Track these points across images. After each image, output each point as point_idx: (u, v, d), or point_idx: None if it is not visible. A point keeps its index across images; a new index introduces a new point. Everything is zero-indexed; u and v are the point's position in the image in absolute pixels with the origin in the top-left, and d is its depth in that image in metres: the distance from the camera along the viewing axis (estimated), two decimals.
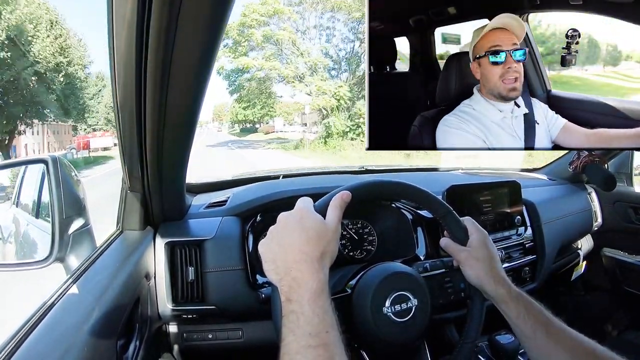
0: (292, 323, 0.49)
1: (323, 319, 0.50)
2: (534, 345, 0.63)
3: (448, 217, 0.74)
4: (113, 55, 0.56)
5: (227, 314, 0.94)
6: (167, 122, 0.67)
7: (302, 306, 0.50)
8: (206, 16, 0.50)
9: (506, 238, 1.20)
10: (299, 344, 0.47)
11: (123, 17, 0.49)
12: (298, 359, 0.46)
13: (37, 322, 0.55)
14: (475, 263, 0.71)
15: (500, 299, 0.68)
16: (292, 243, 0.55)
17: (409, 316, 0.69)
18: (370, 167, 1.66)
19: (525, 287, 1.20)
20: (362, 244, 1.14)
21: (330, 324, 0.50)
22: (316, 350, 0.47)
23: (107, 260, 0.79)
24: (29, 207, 0.96)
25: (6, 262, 0.98)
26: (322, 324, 0.49)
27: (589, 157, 1.48)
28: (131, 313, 0.74)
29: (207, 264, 0.92)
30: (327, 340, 0.48)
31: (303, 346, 0.47)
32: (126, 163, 0.79)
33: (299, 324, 0.49)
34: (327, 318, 0.50)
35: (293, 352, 0.47)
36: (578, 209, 1.53)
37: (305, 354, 0.46)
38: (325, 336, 0.48)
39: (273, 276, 0.56)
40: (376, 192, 0.72)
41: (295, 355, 0.47)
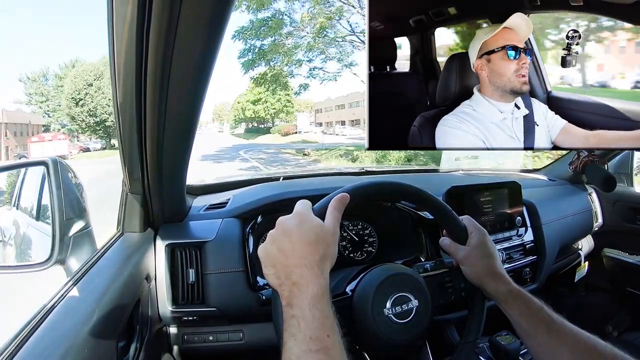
0: (293, 327, 0.49)
1: (324, 323, 0.50)
2: (536, 342, 0.63)
3: (447, 216, 0.74)
4: (113, 57, 0.56)
5: (228, 315, 0.94)
6: (167, 123, 0.67)
7: (302, 311, 0.50)
8: (206, 18, 0.50)
9: (506, 239, 1.20)
10: (300, 349, 0.47)
11: (123, 18, 0.49)
12: None
13: (38, 323, 0.55)
14: (475, 261, 0.71)
15: (500, 297, 0.68)
16: (291, 248, 0.55)
17: (410, 317, 0.69)
18: (370, 168, 1.66)
19: (525, 287, 1.19)
20: (363, 246, 1.14)
21: (331, 328, 0.50)
22: (317, 354, 0.47)
23: (108, 262, 0.79)
24: (29, 210, 0.96)
25: (7, 265, 0.98)
26: (323, 328, 0.49)
27: (589, 158, 1.48)
28: (132, 315, 0.74)
29: (207, 265, 0.92)
30: (328, 344, 0.48)
31: (304, 350, 0.47)
32: (126, 165, 0.79)
33: (299, 328, 0.49)
34: (328, 322, 0.50)
35: (294, 356, 0.47)
36: (578, 210, 1.53)
37: (307, 358, 0.46)
38: (327, 340, 0.48)
39: (273, 280, 0.56)
40: (375, 193, 0.72)
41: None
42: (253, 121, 33.48)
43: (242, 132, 39.04)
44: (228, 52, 20.87)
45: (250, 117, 32.36)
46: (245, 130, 38.45)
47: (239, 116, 35.05)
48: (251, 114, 31.28)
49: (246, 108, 30.88)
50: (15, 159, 19.06)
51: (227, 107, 48.51)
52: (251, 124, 36.54)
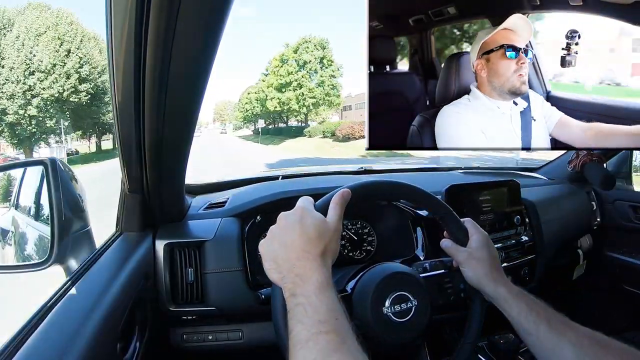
0: (300, 314, 0.49)
1: (331, 308, 0.49)
2: (537, 340, 0.62)
3: (448, 217, 0.74)
4: (112, 56, 0.56)
5: (227, 315, 0.94)
6: (166, 122, 0.67)
7: (309, 298, 0.50)
8: (205, 16, 0.50)
9: (505, 238, 1.20)
10: (309, 332, 0.47)
11: (122, 17, 0.49)
12: (310, 345, 0.46)
13: (37, 323, 0.55)
14: (475, 264, 0.71)
15: (501, 299, 0.68)
16: (293, 242, 0.55)
17: (409, 316, 0.69)
18: (369, 167, 1.66)
19: (524, 286, 1.19)
20: (362, 245, 1.14)
21: (339, 312, 0.50)
22: (328, 335, 0.46)
23: (107, 262, 0.79)
24: (28, 209, 0.96)
25: (5, 264, 0.98)
26: (331, 312, 0.49)
27: (588, 156, 1.48)
28: (131, 314, 0.74)
29: (206, 265, 0.92)
30: (337, 326, 0.47)
31: (314, 333, 0.46)
32: (125, 164, 0.79)
33: (307, 314, 0.48)
34: (335, 307, 0.50)
35: (304, 340, 0.46)
36: (577, 208, 1.53)
37: (317, 340, 0.46)
38: (335, 322, 0.48)
39: (274, 275, 0.55)
40: (376, 191, 0.72)
41: (307, 343, 0.46)
42: (274, 118, 22.07)
43: (249, 134, 27.54)
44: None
45: (273, 111, 21.48)
46: (261, 130, 25.58)
47: (253, 111, 24.12)
48: (275, 106, 20.39)
49: (267, 97, 20.20)
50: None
51: (230, 107, 43.93)
52: (272, 123, 24.26)
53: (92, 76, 23.02)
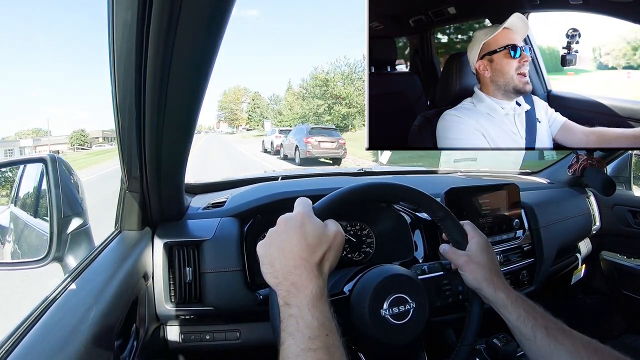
0: (291, 327, 0.49)
1: (323, 323, 0.49)
2: (535, 346, 0.62)
3: (447, 220, 0.74)
4: (113, 56, 0.56)
5: (225, 314, 0.94)
6: (166, 122, 0.67)
7: (301, 310, 0.50)
8: (206, 17, 0.50)
9: (504, 241, 1.20)
10: (298, 347, 0.47)
11: (123, 17, 0.49)
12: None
13: (34, 321, 0.55)
14: (474, 268, 0.71)
15: (499, 303, 0.68)
16: (291, 249, 0.54)
17: (407, 318, 0.69)
18: (368, 169, 1.66)
19: (523, 290, 1.20)
20: (360, 246, 1.14)
21: (330, 328, 0.49)
22: (316, 353, 0.46)
23: (105, 260, 0.79)
24: (27, 206, 0.96)
25: (4, 261, 0.98)
26: (322, 328, 0.49)
27: (588, 161, 1.48)
28: (129, 313, 0.74)
29: (205, 264, 0.92)
30: (328, 343, 0.47)
31: (303, 349, 0.46)
32: (125, 163, 0.79)
33: (298, 327, 0.48)
34: (327, 322, 0.50)
35: (293, 355, 0.47)
36: (577, 213, 1.53)
37: (305, 357, 0.46)
38: (326, 339, 0.48)
39: (271, 279, 0.55)
40: (376, 193, 0.72)
41: (295, 358, 0.46)
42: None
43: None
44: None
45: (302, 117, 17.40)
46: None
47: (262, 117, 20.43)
48: (301, 114, 17.39)
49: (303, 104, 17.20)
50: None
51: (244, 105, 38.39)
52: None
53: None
